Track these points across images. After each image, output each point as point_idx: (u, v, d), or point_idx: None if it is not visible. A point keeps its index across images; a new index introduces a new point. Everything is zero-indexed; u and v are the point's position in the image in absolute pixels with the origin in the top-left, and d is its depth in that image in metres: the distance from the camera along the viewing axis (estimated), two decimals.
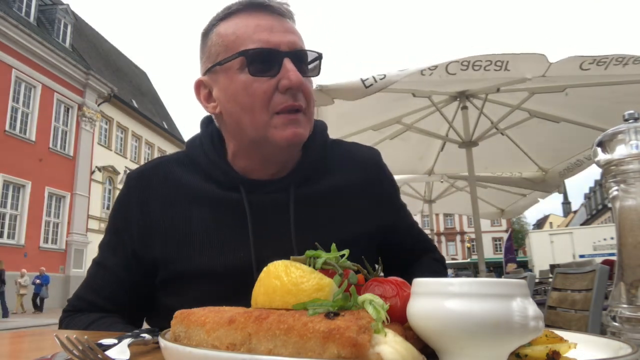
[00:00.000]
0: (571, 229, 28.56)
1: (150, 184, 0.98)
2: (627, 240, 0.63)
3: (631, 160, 0.61)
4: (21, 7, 18.93)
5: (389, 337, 0.41)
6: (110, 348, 0.59)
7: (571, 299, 2.48)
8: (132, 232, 0.96)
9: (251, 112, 0.88)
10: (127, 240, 0.97)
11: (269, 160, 0.95)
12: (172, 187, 0.97)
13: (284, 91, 0.88)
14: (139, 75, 32.85)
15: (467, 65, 3.22)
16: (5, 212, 16.69)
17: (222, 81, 0.92)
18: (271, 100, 0.88)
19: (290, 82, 0.86)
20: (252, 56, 0.88)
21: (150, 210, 0.96)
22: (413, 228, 1.19)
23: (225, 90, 0.92)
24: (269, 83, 0.88)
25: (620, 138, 0.63)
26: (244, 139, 0.93)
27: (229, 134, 0.97)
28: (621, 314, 0.61)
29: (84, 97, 20.59)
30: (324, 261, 0.54)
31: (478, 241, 4.53)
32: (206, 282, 0.91)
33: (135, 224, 0.96)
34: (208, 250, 0.92)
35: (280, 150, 0.91)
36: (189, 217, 0.94)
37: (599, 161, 0.65)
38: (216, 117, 0.99)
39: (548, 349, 0.46)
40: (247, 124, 0.90)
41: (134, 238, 0.96)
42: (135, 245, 0.96)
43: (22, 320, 12.58)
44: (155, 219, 0.95)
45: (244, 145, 0.95)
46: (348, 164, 1.05)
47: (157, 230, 0.95)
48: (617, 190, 0.63)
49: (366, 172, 1.06)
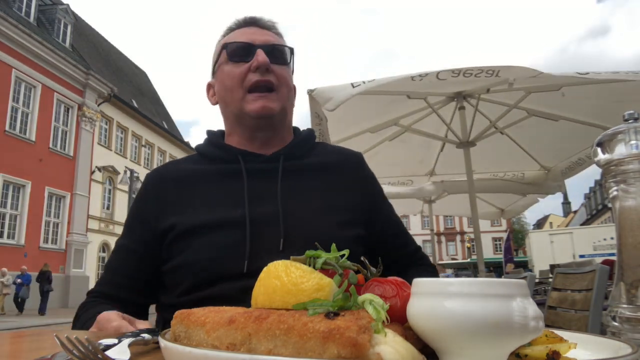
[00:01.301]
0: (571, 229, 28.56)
1: (164, 175, 1.16)
2: (627, 240, 0.63)
3: (631, 160, 0.61)
4: (21, 7, 18.94)
5: (389, 337, 0.41)
6: (110, 348, 0.59)
7: (571, 299, 2.48)
8: (149, 217, 1.10)
9: (231, 91, 1.11)
10: (145, 224, 1.10)
11: (252, 133, 1.14)
12: (183, 172, 1.14)
13: (254, 70, 1.08)
14: (139, 75, 32.85)
15: (458, 74, 3.29)
16: (5, 212, 16.70)
17: (218, 76, 1.17)
18: (245, 79, 1.09)
19: (258, 61, 1.08)
20: (231, 47, 1.13)
21: (165, 194, 1.11)
22: (405, 233, 1.26)
23: (219, 81, 1.16)
24: (244, 66, 1.10)
25: (620, 138, 0.63)
26: (230, 115, 1.15)
27: (224, 117, 1.18)
28: (621, 314, 0.61)
29: (84, 97, 20.59)
30: (324, 261, 0.54)
31: (477, 241, 4.53)
32: (208, 233, 1.03)
33: (152, 210, 1.10)
34: (209, 207, 1.06)
35: (254, 121, 1.10)
36: (196, 188, 1.11)
37: (599, 161, 0.66)
38: (220, 108, 1.19)
39: (548, 349, 0.46)
40: (229, 101, 1.12)
41: (150, 221, 1.09)
42: (152, 225, 1.09)
43: (22, 320, 12.58)
44: (170, 199, 1.11)
45: (232, 121, 1.16)
46: (333, 154, 1.23)
47: (171, 204, 1.09)
48: (617, 190, 0.64)
49: (351, 166, 1.21)
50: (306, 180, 1.13)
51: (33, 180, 17.64)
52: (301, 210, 1.07)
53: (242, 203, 1.06)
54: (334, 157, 1.21)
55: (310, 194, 1.11)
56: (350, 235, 1.07)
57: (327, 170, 1.17)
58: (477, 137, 4.51)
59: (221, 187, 1.10)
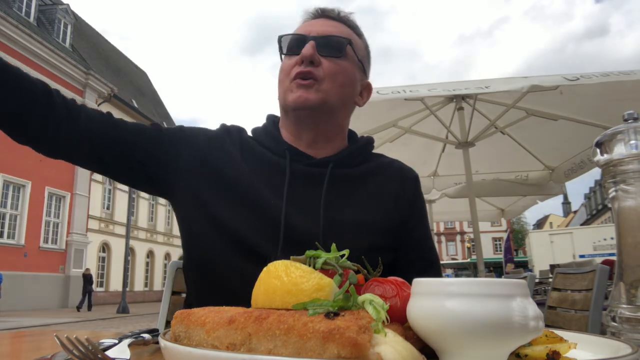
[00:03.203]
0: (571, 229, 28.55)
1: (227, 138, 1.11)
2: (627, 240, 0.63)
3: (631, 160, 0.61)
4: (21, 7, 18.94)
5: (389, 337, 0.41)
6: (110, 348, 0.59)
7: (571, 299, 2.48)
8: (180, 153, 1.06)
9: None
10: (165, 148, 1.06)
11: (296, 129, 1.09)
12: (238, 147, 1.11)
13: (300, 62, 1.04)
14: (139, 75, 32.84)
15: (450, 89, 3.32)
16: (5, 212, 16.70)
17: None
18: (291, 71, 1.05)
19: (302, 54, 1.03)
20: (284, 40, 1.10)
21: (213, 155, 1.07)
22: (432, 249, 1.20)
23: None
24: (294, 59, 1.06)
25: (620, 138, 0.63)
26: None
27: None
28: (621, 314, 0.61)
29: (84, 97, 20.58)
30: (324, 261, 0.54)
31: (477, 241, 4.53)
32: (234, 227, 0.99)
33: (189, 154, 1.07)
34: (243, 197, 1.01)
35: (293, 113, 1.06)
36: (239, 169, 1.05)
37: (599, 161, 0.66)
38: None
39: (548, 349, 0.46)
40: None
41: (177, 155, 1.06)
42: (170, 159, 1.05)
43: (22, 320, 12.58)
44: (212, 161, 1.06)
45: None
46: (388, 168, 1.17)
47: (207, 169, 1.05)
48: (617, 190, 0.63)
49: (403, 183, 1.15)
50: (350, 192, 1.08)
51: (33, 180, 17.64)
52: (338, 225, 1.01)
53: (279, 203, 1.01)
54: (388, 172, 1.15)
55: (350, 210, 1.05)
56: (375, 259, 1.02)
57: (375, 183, 1.11)
58: (476, 137, 4.51)
59: (263, 176, 1.05)
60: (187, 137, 1.11)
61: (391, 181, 1.14)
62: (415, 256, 1.14)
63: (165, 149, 1.06)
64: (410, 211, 1.14)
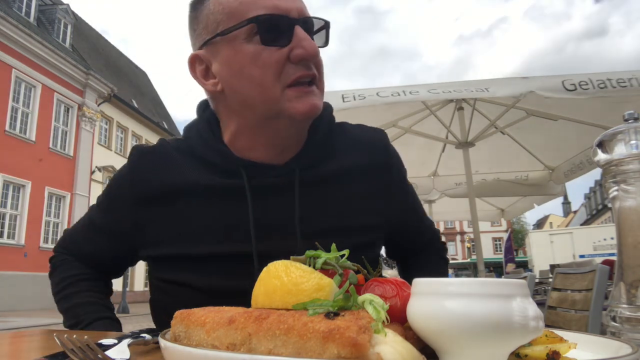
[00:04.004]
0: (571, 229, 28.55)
1: (150, 167, 0.94)
2: (627, 240, 0.63)
3: (631, 160, 0.61)
4: (21, 7, 18.93)
5: (389, 337, 0.41)
6: (110, 348, 0.59)
7: (571, 299, 2.48)
8: (126, 213, 0.94)
9: (261, 85, 0.82)
10: (120, 217, 0.96)
11: (276, 137, 0.89)
12: (171, 173, 0.92)
13: (296, 62, 0.81)
14: (139, 75, 32.84)
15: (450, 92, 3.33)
16: (5, 212, 16.69)
17: (225, 53, 0.84)
18: (282, 71, 0.81)
19: (306, 51, 0.80)
20: (264, 23, 0.80)
21: (149, 192, 0.92)
22: (422, 220, 1.14)
23: (229, 63, 0.84)
24: (280, 52, 0.81)
25: (620, 138, 0.63)
26: (252, 116, 0.86)
27: (232, 113, 0.90)
28: (621, 314, 0.61)
29: (84, 97, 20.58)
30: (324, 261, 0.54)
31: (477, 242, 4.54)
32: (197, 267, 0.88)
33: (131, 205, 0.93)
34: (207, 238, 0.88)
35: (294, 124, 0.86)
36: (187, 204, 0.90)
37: (599, 161, 0.65)
38: (215, 96, 0.92)
39: (548, 349, 0.46)
40: (257, 99, 0.83)
41: (127, 218, 0.94)
42: (128, 224, 0.95)
43: (22, 321, 12.58)
44: (153, 203, 0.91)
45: (250, 124, 0.88)
46: (354, 147, 0.99)
47: (154, 214, 0.91)
48: (617, 190, 0.63)
49: (373, 156, 1.00)
50: (326, 195, 0.93)
51: (33, 180, 17.63)
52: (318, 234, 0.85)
53: (247, 231, 0.86)
54: (357, 158, 0.98)
55: (330, 216, 0.91)
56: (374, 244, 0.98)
57: (349, 179, 0.96)
58: (476, 137, 4.51)
59: (221, 208, 0.89)
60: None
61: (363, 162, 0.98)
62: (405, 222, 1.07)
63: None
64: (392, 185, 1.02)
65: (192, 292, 0.88)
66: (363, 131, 1.04)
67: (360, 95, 3.30)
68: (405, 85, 3.47)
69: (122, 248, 1.00)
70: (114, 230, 0.98)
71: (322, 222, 0.90)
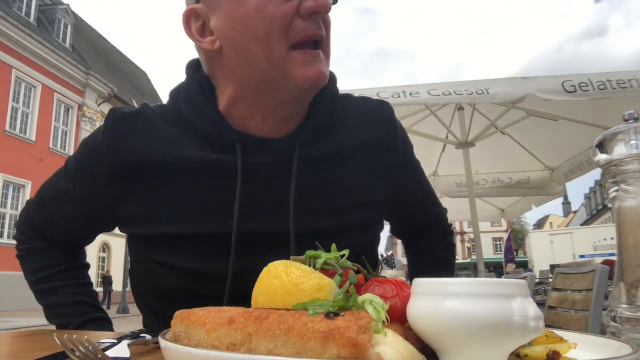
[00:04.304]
0: (571, 229, 28.55)
1: (130, 136, 0.85)
2: (627, 240, 0.63)
3: (631, 160, 0.61)
4: (21, 7, 18.93)
5: (389, 337, 0.41)
6: (109, 348, 0.59)
7: (571, 299, 2.48)
8: (103, 184, 0.86)
9: (266, 41, 0.74)
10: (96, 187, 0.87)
11: (277, 105, 0.81)
12: (155, 144, 0.83)
13: (306, 16, 0.74)
14: (139, 75, 32.83)
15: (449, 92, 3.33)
16: (5, 212, 16.69)
17: (225, 5, 0.76)
18: (290, 26, 0.74)
19: (317, 3, 0.73)
20: None
21: (128, 164, 0.83)
22: (428, 198, 1.10)
23: (230, 16, 0.76)
24: (288, 5, 0.73)
25: (620, 138, 0.63)
26: (252, 77, 0.78)
27: (230, 75, 0.81)
28: (621, 314, 0.61)
29: (84, 97, 20.58)
30: (324, 261, 0.54)
31: (477, 241, 4.54)
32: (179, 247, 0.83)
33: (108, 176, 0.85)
34: (191, 217, 0.81)
35: (298, 91, 0.78)
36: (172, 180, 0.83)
37: (599, 161, 0.65)
38: (211, 56, 0.83)
39: (548, 349, 0.46)
40: (260, 57, 0.75)
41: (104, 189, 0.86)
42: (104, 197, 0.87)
43: (22, 321, 12.58)
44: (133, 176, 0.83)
45: (249, 88, 0.80)
46: (358, 121, 0.92)
47: (134, 189, 0.84)
48: (617, 190, 0.63)
49: (378, 130, 0.93)
50: (326, 173, 0.86)
51: (33, 180, 17.61)
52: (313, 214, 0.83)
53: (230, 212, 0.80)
54: (361, 132, 0.91)
55: (324, 193, 0.85)
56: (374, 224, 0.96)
57: (352, 156, 0.89)
58: (476, 137, 4.51)
59: (207, 184, 0.82)
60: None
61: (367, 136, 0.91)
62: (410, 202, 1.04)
63: None
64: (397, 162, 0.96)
65: (170, 272, 0.84)
66: (369, 103, 0.97)
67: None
68: (405, 85, 3.46)
69: (97, 220, 0.93)
70: (89, 201, 0.89)
71: (318, 201, 0.84)
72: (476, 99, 3.40)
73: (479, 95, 3.33)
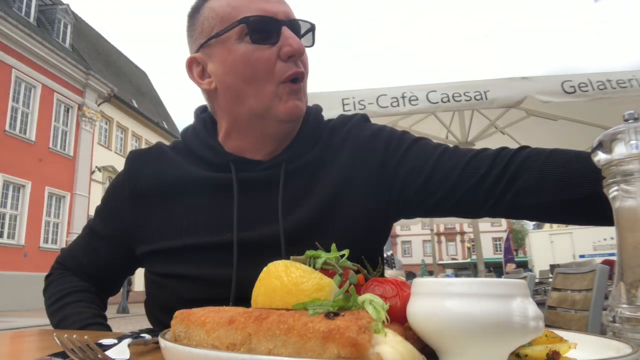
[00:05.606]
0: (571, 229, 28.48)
1: (145, 167, 1.00)
2: (627, 241, 0.63)
3: (631, 160, 0.61)
4: (21, 7, 18.93)
5: (389, 337, 0.41)
6: (110, 348, 0.59)
7: (571, 299, 2.48)
8: (126, 213, 0.99)
9: (254, 82, 0.88)
10: (120, 219, 1.00)
11: (265, 136, 0.94)
12: (166, 170, 0.98)
13: (285, 59, 0.88)
14: (139, 75, 32.85)
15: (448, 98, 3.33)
16: (5, 212, 16.69)
17: (219, 54, 0.91)
18: (274, 68, 0.88)
19: (293, 48, 0.87)
20: (253, 24, 0.87)
21: (145, 189, 0.98)
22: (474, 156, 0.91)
23: (223, 62, 0.90)
24: (270, 51, 0.87)
25: (620, 138, 0.63)
26: (243, 113, 0.91)
27: (224, 111, 0.95)
28: (621, 314, 0.61)
29: (84, 97, 20.58)
30: (324, 261, 0.54)
31: (477, 241, 4.54)
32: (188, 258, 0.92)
33: (129, 205, 0.99)
34: (199, 230, 0.92)
35: (279, 124, 0.91)
36: (181, 198, 0.95)
37: (599, 161, 0.65)
38: (210, 95, 0.97)
39: (548, 349, 0.46)
40: (250, 95, 0.89)
41: (127, 218, 0.99)
42: (127, 224, 0.99)
43: (22, 321, 12.58)
44: (149, 199, 0.97)
45: (240, 122, 0.93)
46: (336, 134, 0.99)
47: (150, 210, 0.97)
48: (617, 190, 0.63)
49: (355, 139, 0.98)
50: (309, 182, 0.93)
51: (33, 180, 17.64)
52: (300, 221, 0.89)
53: (231, 221, 0.90)
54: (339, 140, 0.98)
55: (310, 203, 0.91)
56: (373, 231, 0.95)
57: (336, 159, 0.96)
58: (476, 137, 4.52)
59: (208, 199, 0.94)
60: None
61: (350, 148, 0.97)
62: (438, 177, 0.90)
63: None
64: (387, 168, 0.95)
65: (186, 283, 0.91)
66: (344, 119, 1.04)
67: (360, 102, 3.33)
68: (405, 86, 3.45)
69: (121, 251, 1.03)
70: (115, 234, 1.02)
71: (304, 211, 0.91)
72: (474, 105, 3.40)
73: (477, 101, 3.32)
